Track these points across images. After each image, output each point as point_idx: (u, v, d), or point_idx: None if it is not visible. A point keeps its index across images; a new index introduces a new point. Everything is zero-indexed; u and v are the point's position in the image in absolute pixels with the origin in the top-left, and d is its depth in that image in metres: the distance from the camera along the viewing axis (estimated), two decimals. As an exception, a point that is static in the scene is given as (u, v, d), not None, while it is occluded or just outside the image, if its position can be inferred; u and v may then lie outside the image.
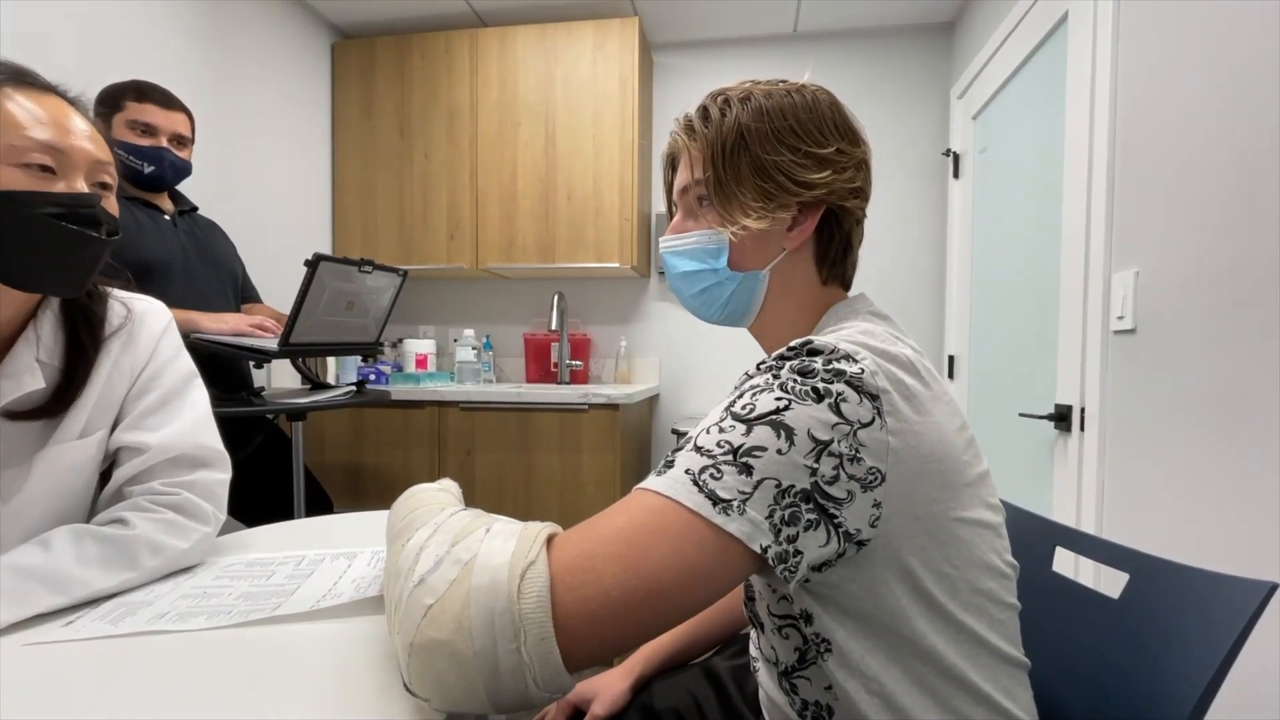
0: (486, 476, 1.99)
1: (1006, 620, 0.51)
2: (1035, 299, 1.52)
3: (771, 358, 0.49)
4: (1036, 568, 0.69)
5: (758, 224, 0.57)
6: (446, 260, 2.32)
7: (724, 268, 0.60)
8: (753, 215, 0.57)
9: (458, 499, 0.54)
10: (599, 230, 2.22)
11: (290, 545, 0.76)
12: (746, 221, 0.57)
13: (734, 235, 0.58)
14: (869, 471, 0.43)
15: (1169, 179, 1.01)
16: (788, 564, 0.41)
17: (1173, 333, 0.99)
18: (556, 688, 0.37)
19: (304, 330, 1.34)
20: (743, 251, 0.59)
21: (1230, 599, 0.49)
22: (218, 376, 1.45)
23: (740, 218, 0.57)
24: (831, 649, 0.48)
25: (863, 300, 0.61)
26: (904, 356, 0.48)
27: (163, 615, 0.55)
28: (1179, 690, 0.48)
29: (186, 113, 1.44)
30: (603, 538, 0.40)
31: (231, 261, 1.60)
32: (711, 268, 0.61)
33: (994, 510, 0.51)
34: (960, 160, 2.13)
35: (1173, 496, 0.98)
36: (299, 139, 2.25)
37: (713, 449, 0.42)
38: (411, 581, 0.39)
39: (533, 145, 2.25)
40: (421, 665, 0.37)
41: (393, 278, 1.53)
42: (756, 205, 0.57)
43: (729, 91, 0.60)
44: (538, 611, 0.36)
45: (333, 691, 0.43)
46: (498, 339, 2.63)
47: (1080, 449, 1.25)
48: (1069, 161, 1.34)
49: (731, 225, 0.58)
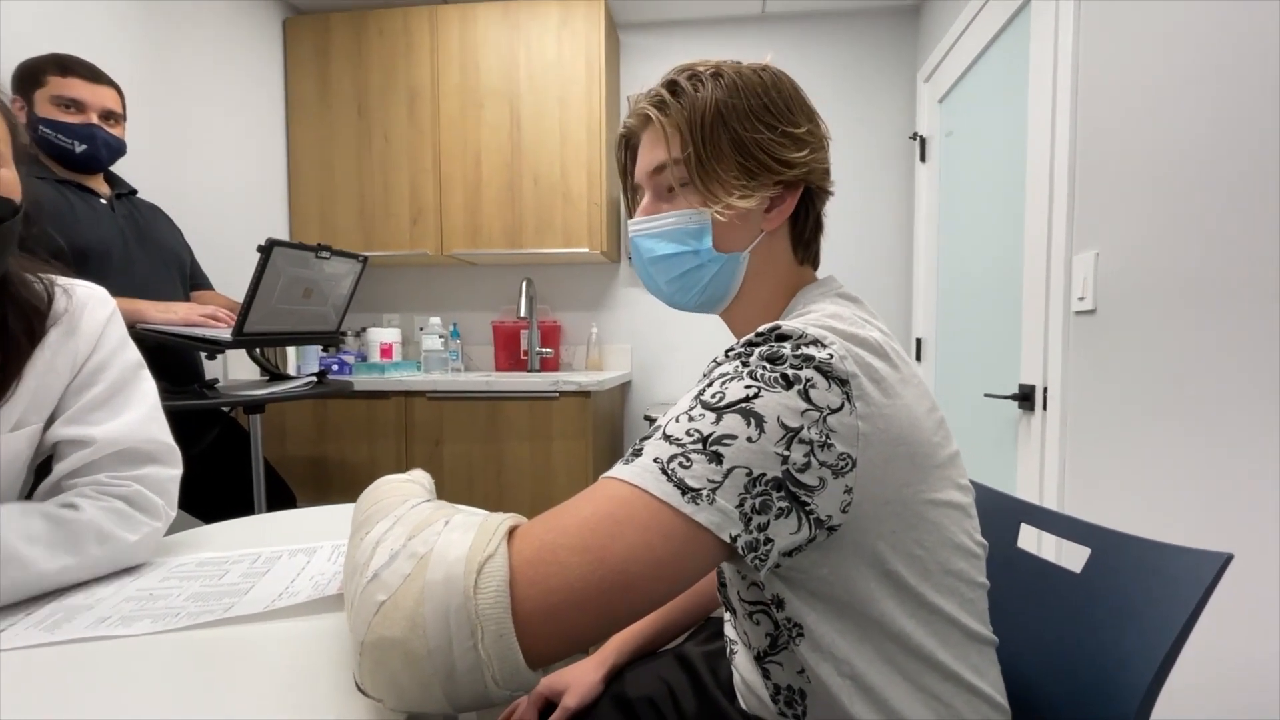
0: (455, 467, 1.96)
1: (976, 599, 0.52)
2: (1000, 281, 1.54)
3: (740, 344, 0.48)
4: (1002, 545, 0.70)
5: (742, 203, 0.55)
6: (410, 246, 2.25)
7: (708, 249, 0.58)
8: (736, 194, 0.55)
9: (428, 490, 0.52)
10: (567, 215, 2.18)
11: (247, 542, 0.73)
12: (730, 200, 0.55)
13: (719, 215, 0.57)
14: (840, 457, 0.42)
15: (1130, 162, 1.03)
16: (758, 552, 0.40)
17: (1131, 313, 1.02)
18: (518, 685, 0.36)
19: (259, 319, 1.28)
20: (726, 231, 0.58)
21: (1188, 570, 0.50)
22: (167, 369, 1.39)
23: (723, 196, 0.56)
24: (803, 633, 0.48)
25: (832, 282, 0.60)
26: (872, 340, 0.48)
27: (104, 620, 0.52)
28: (1140, 659, 0.50)
29: (115, 87, 1.35)
30: (567, 528, 0.38)
31: (177, 248, 1.52)
32: (693, 249, 0.59)
33: (964, 491, 0.52)
34: (927, 144, 2.15)
35: (1131, 472, 1.01)
36: (250, 119, 2.15)
37: (682, 437, 0.41)
38: (365, 577, 0.37)
39: (497, 128, 2.19)
40: (373, 665, 0.35)
41: (352, 264, 1.48)
42: (739, 184, 0.55)
43: (696, 67, 0.58)
44: (496, 607, 0.35)
45: (287, 694, 0.41)
46: (465, 327, 2.58)
47: (1043, 428, 1.28)
48: (1032, 144, 1.36)
49: (715, 204, 0.56)
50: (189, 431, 1.45)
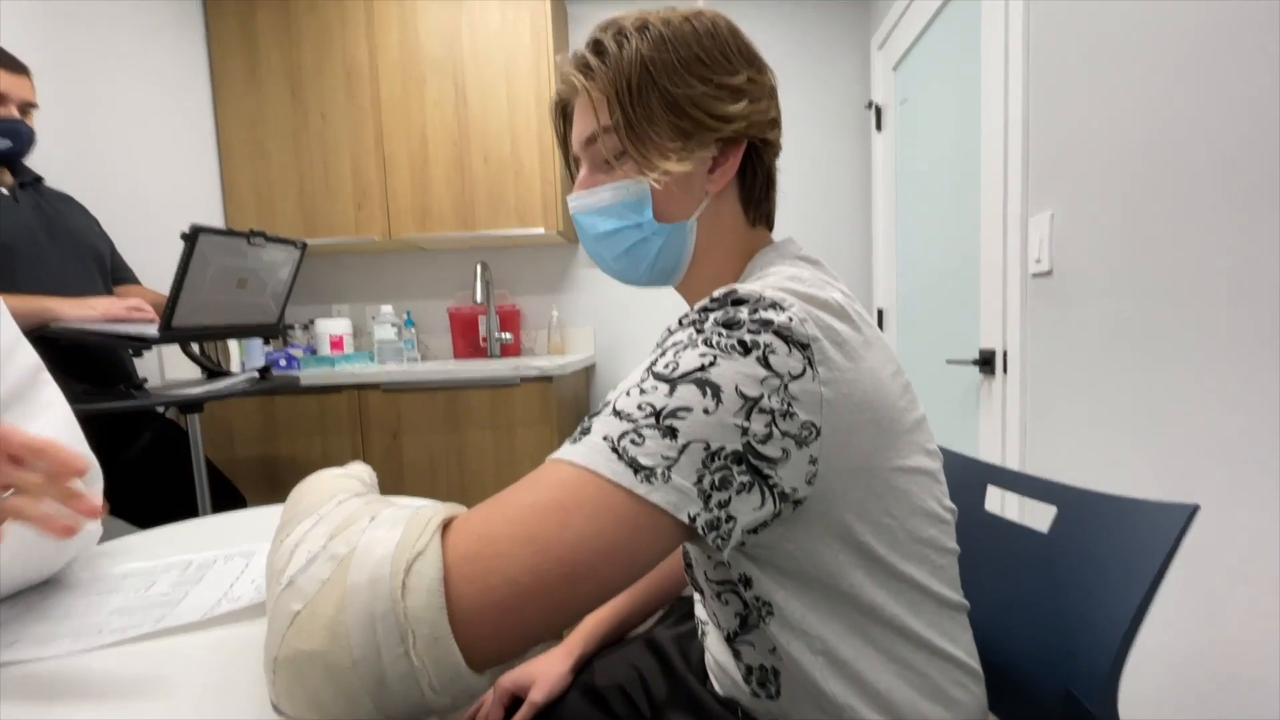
0: (415, 459, 1.89)
1: (947, 565, 0.50)
2: (959, 247, 1.55)
3: (694, 310, 0.44)
4: (969, 508, 0.69)
5: (680, 166, 0.52)
6: (355, 232, 2.15)
7: (649, 221, 0.55)
8: (673, 158, 0.51)
9: (367, 485, 0.48)
10: (520, 194, 2.11)
11: (178, 549, 0.67)
12: (667, 165, 0.52)
13: (655, 182, 0.53)
14: (803, 426, 0.40)
15: (1084, 120, 1.03)
16: (719, 531, 0.38)
17: (1087, 272, 1.02)
18: (460, 690, 0.32)
19: (188, 312, 1.19)
20: (667, 200, 0.54)
21: (1154, 523, 0.50)
22: (88, 369, 1.29)
23: (659, 162, 0.52)
24: (773, 611, 0.46)
25: (790, 244, 0.57)
26: (834, 301, 0.45)
27: (11, 644, 0.47)
28: (1111, 615, 0.49)
29: (30, 74, 1.24)
30: (508, 518, 0.34)
31: (92, 239, 1.40)
32: (634, 223, 0.55)
33: (932, 456, 0.50)
34: (882, 113, 2.14)
35: (1093, 431, 1.02)
36: (171, 101, 2.00)
37: (633, 412, 0.38)
38: (280, 585, 0.33)
39: (441, 104, 2.09)
40: (290, 682, 0.31)
41: (290, 251, 1.39)
42: (675, 146, 0.52)
43: (622, 21, 0.53)
44: (428, 609, 0.31)
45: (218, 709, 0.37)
46: (420, 315, 2.48)
47: (1004, 391, 1.29)
48: (986, 106, 1.35)
49: (651, 172, 0.52)
50: (118, 435, 1.36)
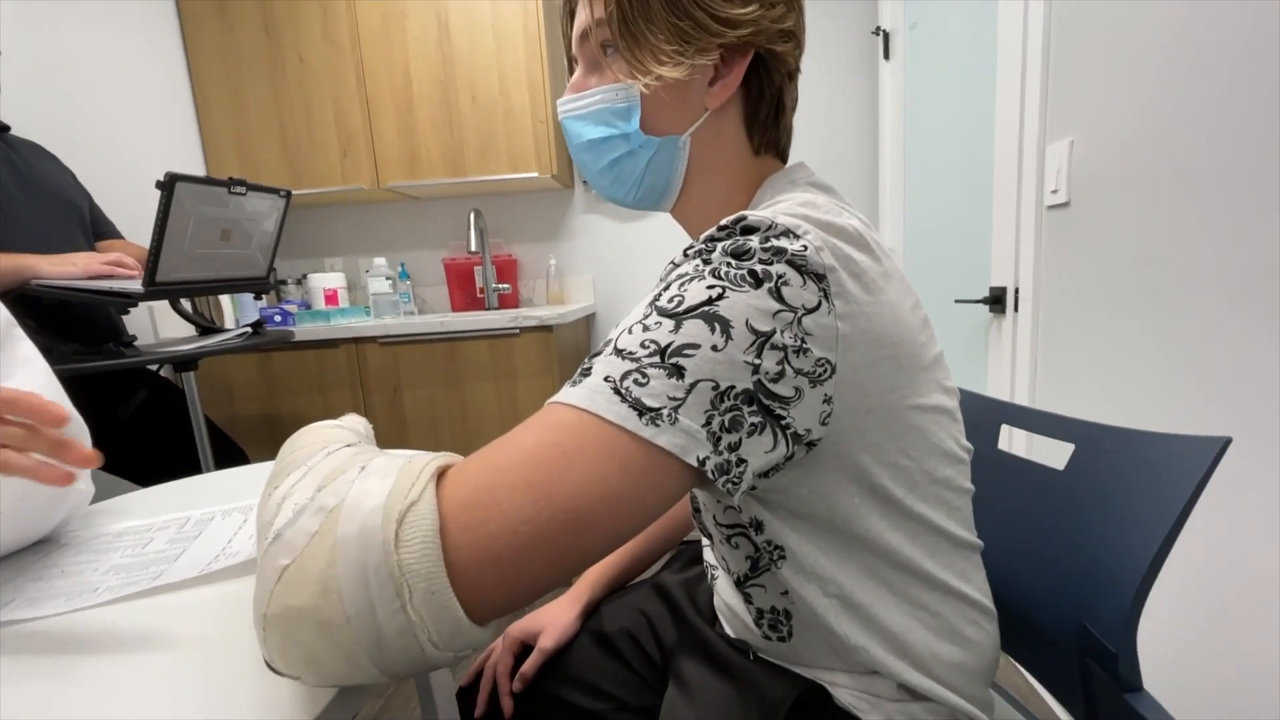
0: (418, 414, 1.88)
1: (962, 505, 0.49)
2: (969, 181, 1.49)
3: (701, 239, 0.41)
4: (983, 447, 0.68)
5: (674, 72, 0.47)
6: (342, 181, 2.07)
7: (636, 131, 0.50)
8: (668, 62, 0.47)
9: (361, 436, 0.45)
10: (511, 136, 2.02)
11: (173, 507, 0.66)
12: (661, 70, 0.47)
13: (646, 88, 0.48)
14: (817, 363, 0.37)
15: (1108, 40, 0.96)
16: (730, 475, 0.35)
17: (1106, 202, 0.97)
18: (463, 644, 0.31)
19: (171, 266, 1.15)
20: (657, 110, 0.50)
21: (1180, 458, 0.48)
22: (73, 328, 1.26)
23: (653, 65, 0.47)
24: (785, 555, 0.44)
25: (802, 169, 0.53)
26: (851, 229, 0.41)
27: (7, 604, 0.46)
28: (1132, 551, 0.48)
29: None
30: (505, 465, 0.32)
31: (69, 191, 1.34)
32: (621, 132, 0.51)
33: (949, 394, 0.47)
34: (890, 39, 2.02)
35: (1107, 369, 0.99)
36: (138, 45, 1.89)
37: (636, 350, 0.35)
38: (267, 539, 0.31)
39: (424, 40, 1.98)
40: (281, 639, 0.29)
41: (274, 200, 1.34)
42: (671, 49, 0.47)
43: None
44: (424, 560, 0.29)
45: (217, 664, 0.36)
46: (415, 266, 2.43)
47: (1014, 330, 1.26)
48: (1003, 27, 1.27)
49: (643, 76, 0.48)
50: (113, 394, 1.34)
